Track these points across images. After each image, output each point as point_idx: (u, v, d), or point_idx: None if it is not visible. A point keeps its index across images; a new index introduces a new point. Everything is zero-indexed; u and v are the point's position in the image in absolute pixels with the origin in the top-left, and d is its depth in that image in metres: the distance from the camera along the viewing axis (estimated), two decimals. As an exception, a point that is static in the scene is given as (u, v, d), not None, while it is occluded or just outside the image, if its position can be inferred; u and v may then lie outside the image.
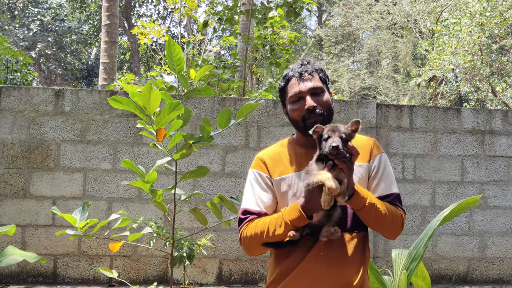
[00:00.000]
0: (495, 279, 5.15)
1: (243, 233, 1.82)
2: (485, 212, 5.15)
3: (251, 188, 1.89)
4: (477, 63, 10.93)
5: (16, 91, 4.67)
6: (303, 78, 1.85)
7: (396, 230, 1.85)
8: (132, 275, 4.70)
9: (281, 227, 1.71)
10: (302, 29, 25.92)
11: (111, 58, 9.17)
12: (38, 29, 18.20)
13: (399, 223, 1.84)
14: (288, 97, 1.89)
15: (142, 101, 1.79)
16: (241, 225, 1.84)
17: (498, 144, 5.19)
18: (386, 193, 1.85)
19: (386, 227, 1.82)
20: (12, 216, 4.60)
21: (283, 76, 1.94)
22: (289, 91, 1.88)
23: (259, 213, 1.83)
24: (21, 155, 4.64)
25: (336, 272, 1.79)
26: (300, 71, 1.87)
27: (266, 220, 1.77)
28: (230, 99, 4.98)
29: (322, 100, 1.84)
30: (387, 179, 1.88)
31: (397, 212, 1.83)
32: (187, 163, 4.73)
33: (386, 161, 1.91)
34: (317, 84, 1.86)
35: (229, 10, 7.39)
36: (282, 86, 1.92)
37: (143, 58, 22.35)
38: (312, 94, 1.84)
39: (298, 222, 1.69)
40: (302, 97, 1.84)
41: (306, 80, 1.85)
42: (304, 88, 1.84)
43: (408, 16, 14.87)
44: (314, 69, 1.88)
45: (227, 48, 19.99)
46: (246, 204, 1.87)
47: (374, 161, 1.88)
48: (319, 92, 1.86)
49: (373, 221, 1.78)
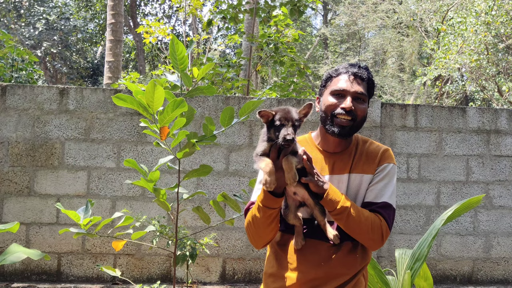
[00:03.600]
0: (500, 280, 5.12)
1: (245, 224, 1.89)
2: (490, 212, 5.13)
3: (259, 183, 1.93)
4: (483, 62, 10.88)
5: (20, 89, 4.68)
6: (354, 79, 1.86)
7: (374, 240, 1.80)
8: (135, 274, 4.71)
9: (259, 211, 1.77)
10: (308, 28, 25.87)
11: (116, 56, 9.18)
12: (44, 28, 18.25)
13: (377, 233, 1.79)
14: (330, 88, 1.88)
15: (146, 99, 1.79)
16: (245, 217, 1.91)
17: (503, 143, 5.16)
18: (376, 200, 1.84)
19: (361, 234, 1.78)
20: (16, 214, 4.61)
21: (336, 69, 1.93)
22: (334, 83, 1.88)
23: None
24: (26, 153, 4.65)
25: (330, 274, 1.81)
26: (355, 72, 1.87)
27: (253, 207, 1.83)
28: (234, 98, 4.97)
29: (360, 108, 1.85)
30: (384, 187, 1.86)
31: (375, 221, 1.79)
32: (190, 162, 4.73)
33: (391, 171, 1.89)
34: (363, 91, 1.86)
35: (233, 8, 7.38)
36: (330, 76, 1.92)
37: (148, 57, 22.38)
38: (354, 98, 1.84)
39: (267, 202, 1.74)
40: (344, 95, 1.84)
41: (356, 83, 1.85)
42: (350, 88, 1.83)
43: (414, 15, 14.81)
44: (367, 77, 1.89)
45: (232, 47, 19.98)
46: (253, 197, 1.94)
47: (379, 168, 1.88)
48: (361, 99, 1.86)
49: (345, 226, 1.77)
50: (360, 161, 1.88)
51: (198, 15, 10.14)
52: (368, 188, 1.86)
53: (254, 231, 1.84)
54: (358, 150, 1.92)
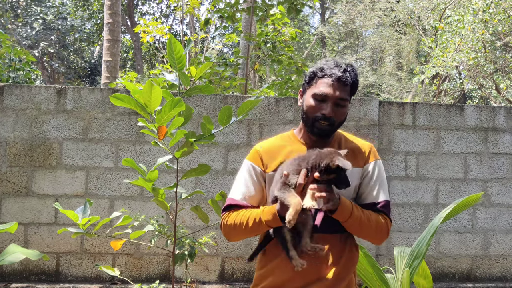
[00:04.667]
0: (499, 277, 5.13)
1: (224, 220, 1.91)
2: (488, 210, 5.14)
3: (243, 178, 1.95)
4: (480, 60, 10.88)
5: (18, 89, 4.67)
6: (338, 84, 1.84)
7: (380, 238, 1.91)
8: (134, 273, 4.71)
9: (258, 224, 1.80)
10: (305, 26, 25.86)
11: (113, 56, 9.17)
12: (41, 27, 18.21)
13: (383, 231, 1.89)
14: (313, 90, 1.87)
15: (143, 98, 1.78)
16: (224, 213, 1.93)
17: (501, 141, 5.17)
18: (375, 201, 1.90)
19: (369, 235, 1.89)
20: (14, 214, 4.60)
21: (321, 68, 1.89)
22: (318, 85, 1.87)
23: (244, 206, 1.90)
24: (24, 153, 4.64)
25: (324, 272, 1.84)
26: (339, 76, 1.84)
27: (247, 213, 1.85)
28: (232, 97, 4.97)
29: (340, 112, 1.86)
30: (378, 186, 1.92)
31: (381, 221, 1.88)
32: (189, 161, 4.72)
33: (380, 168, 1.96)
34: (345, 96, 1.86)
35: (231, 7, 7.38)
36: (314, 75, 1.90)
37: (146, 56, 22.34)
38: (335, 103, 1.84)
39: (273, 223, 1.78)
40: (325, 100, 1.84)
41: (338, 88, 1.84)
42: (332, 94, 1.83)
43: (411, 13, 14.81)
44: (351, 82, 1.87)
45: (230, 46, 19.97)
46: (233, 194, 1.95)
47: (369, 167, 1.93)
48: (342, 105, 1.87)
49: (356, 231, 1.86)
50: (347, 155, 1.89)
51: (195, 14, 10.12)
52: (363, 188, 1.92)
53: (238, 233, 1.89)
54: (342, 145, 1.95)
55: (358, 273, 3.03)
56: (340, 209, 1.76)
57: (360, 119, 4.93)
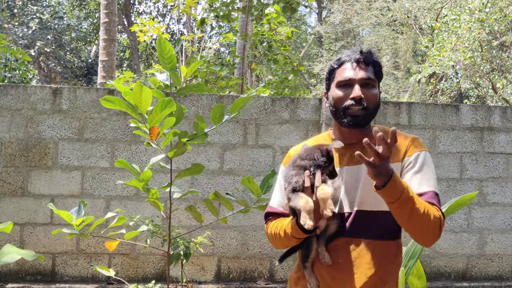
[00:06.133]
0: (494, 276, 5.14)
1: (267, 230, 1.85)
2: (484, 209, 5.15)
3: (279, 185, 1.87)
4: (477, 59, 10.91)
5: (13, 89, 4.66)
6: (358, 66, 1.73)
7: (434, 234, 1.61)
8: (130, 273, 4.70)
9: (288, 236, 1.70)
10: (302, 26, 25.88)
11: (110, 56, 9.15)
12: (37, 27, 18.16)
13: (437, 227, 1.60)
14: (336, 80, 1.76)
15: (134, 99, 1.78)
16: (266, 222, 1.88)
17: (497, 140, 5.18)
18: (420, 191, 1.65)
19: (422, 228, 1.59)
20: (10, 214, 4.59)
21: (338, 58, 1.80)
22: (339, 74, 1.76)
23: (281, 213, 1.83)
24: (19, 153, 4.63)
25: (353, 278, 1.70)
26: (357, 58, 1.74)
27: (279, 224, 1.77)
28: (228, 97, 4.97)
29: (370, 93, 1.72)
30: (423, 176, 1.68)
31: (435, 213, 1.60)
32: (184, 161, 4.72)
33: (426, 159, 1.73)
34: (370, 76, 1.73)
35: (226, 6, 7.37)
36: (333, 68, 1.80)
37: (142, 56, 22.33)
38: (362, 85, 1.72)
39: (297, 235, 1.67)
40: (351, 84, 1.72)
41: (361, 69, 1.72)
42: (356, 76, 1.71)
43: (408, 12, 14.83)
44: (372, 61, 1.76)
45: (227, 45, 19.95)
46: (272, 201, 1.89)
47: (410, 158, 1.72)
48: (370, 85, 1.73)
49: (407, 219, 1.58)
50: None
51: (191, 14, 10.11)
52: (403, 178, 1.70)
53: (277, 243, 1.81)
54: None
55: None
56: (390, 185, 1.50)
57: (355, 118, 4.93)
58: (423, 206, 1.57)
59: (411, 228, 1.61)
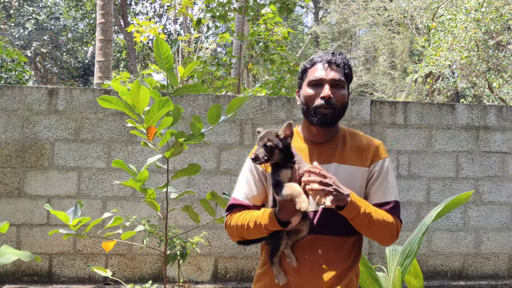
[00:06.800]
0: (491, 275, 5.16)
1: (228, 221, 1.88)
2: (480, 208, 5.16)
3: (245, 178, 1.91)
4: (473, 59, 10.94)
5: (9, 90, 4.65)
6: (329, 67, 1.83)
7: (390, 239, 1.82)
8: (127, 273, 4.70)
9: (258, 228, 1.74)
10: (299, 26, 25.89)
11: (106, 56, 9.14)
12: (34, 27, 18.13)
13: (394, 232, 1.80)
14: (307, 79, 1.86)
15: (131, 99, 1.78)
16: (227, 213, 1.90)
17: (492, 140, 5.20)
18: (384, 201, 1.82)
19: (379, 235, 1.80)
20: (6, 215, 4.59)
21: (310, 59, 1.91)
22: (310, 74, 1.86)
23: (247, 205, 1.86)
24: (15, 154, 4.63)
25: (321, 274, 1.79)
26: (329, 59, 1.84)
27: (247, 216, 1.80)
28: (224, 97, 4.97)
29: (339, 94, 1.82)
30: (386, 186, 1.84)
31: (392, 222, 1.79)
32: (181, 161, 4.72)
33: (388, 166, 1.87)
34: (340, 77, 1.83)
35: (222, 6, 7.38)
36: (305, 68, 1.90)
37: (139, 56, 22.30)
38: (332, 85, 1.81)
39: (272, 227, 1.72)
40: (321, 84, 1.81)
41: (332, 70, 1.83)
42: (326, 76, 1.81)
43: (404, 12, 14.85)
44: (342, 62, 1.86)
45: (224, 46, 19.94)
46: (236, 194, 1.91)
47: (376, 166, 1.85)
48: (340, 86, 1.83)
49: (366, 230, 1.76)
50: (352, 153, 1.85)
51: (187, 14, 10.11)
52: (370, 187, 1.84)
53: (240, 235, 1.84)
54: (347, 141, 1.89)
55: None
56: (348, 206, 1.66)
57: (352, 118, 4.94)
58: (381, 217, 1.75)
59: (369, 235, 1.80)
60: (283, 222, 1.68)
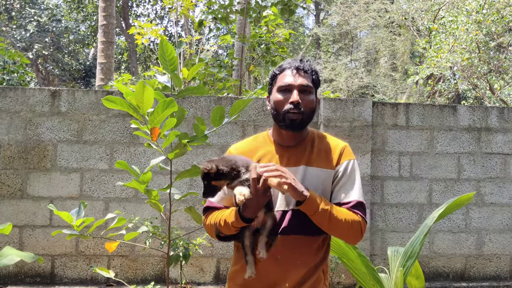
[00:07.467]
0: (492, 276, 5.16)
1: (205, 221, 1.99)
2: (481, 209, 5.17)
3: None
4: (474, 60, 10.94)
5: (12, 92, 4.67)
6: (298, 73, 1.90)
7: (354, 236, 1.86)
8: (130, 275, 4.71)
9: (227, 226, 1.84)
10: (300, 28, 25.92)
11: (108, 58, 9.16)
12: (35, 29, 18.16)
13: (356, 230, 1.84)
14: (277, 85, 1.93)
15: (136, 100, 1.79)
16: (203, 215, 2.03)
17: (494, 141, 5.21)
18: (346, 201, 1.87)
19: (342, 232, 1.84)
20: (9, 216, 4.60)
21: (279, 65, 1.98)
22: (279, 80, 1.92)
23: (218, 207, 1.97)
24: (18, 155, 4.64)
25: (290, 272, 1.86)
26: (297, 66, 1.91)
27: (219, 215, 1.91)
28: (226, 98, 4.98)
29: (307, 100, 1.89)
30: (350, 187, 1.89)
31: (354, 220, 1.83)
32: (184, 163, 4.73)
33: (353, 167, 1.93)
34: (308, 83, 1.90)
35: (224, 8, 7.39)
36: (274, 74, 1.97)
37: (140, 58, 22.34)
38: (300, 91, 1.88)
39: (237, 224, 1.81)
40: (290, 90, 1.88)
41: (300, 76, 1.90)
42: (294, 82, 1.88)
43: (405, 14, 14.87)
44: (310, 69, 1.93)
45: (225, 48, 19.97)
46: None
47: (340, 167, 1.91)
48: (308, 91, 1.90)
49: (327, 227, 1.82)
50: (319, 156, 1.92)
51: (189, 16, 10.13)
52: (334, 188, 1.91)
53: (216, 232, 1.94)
54: (315, 145, 1.96)
55: (352, 272, 3.05)
56: (306, 203, 1.75)
57: (354, 120, 4.95)
58: (342, 215, 1.81)
59: (332, 233, 1.87)
60: (247, 218, 1.77)
